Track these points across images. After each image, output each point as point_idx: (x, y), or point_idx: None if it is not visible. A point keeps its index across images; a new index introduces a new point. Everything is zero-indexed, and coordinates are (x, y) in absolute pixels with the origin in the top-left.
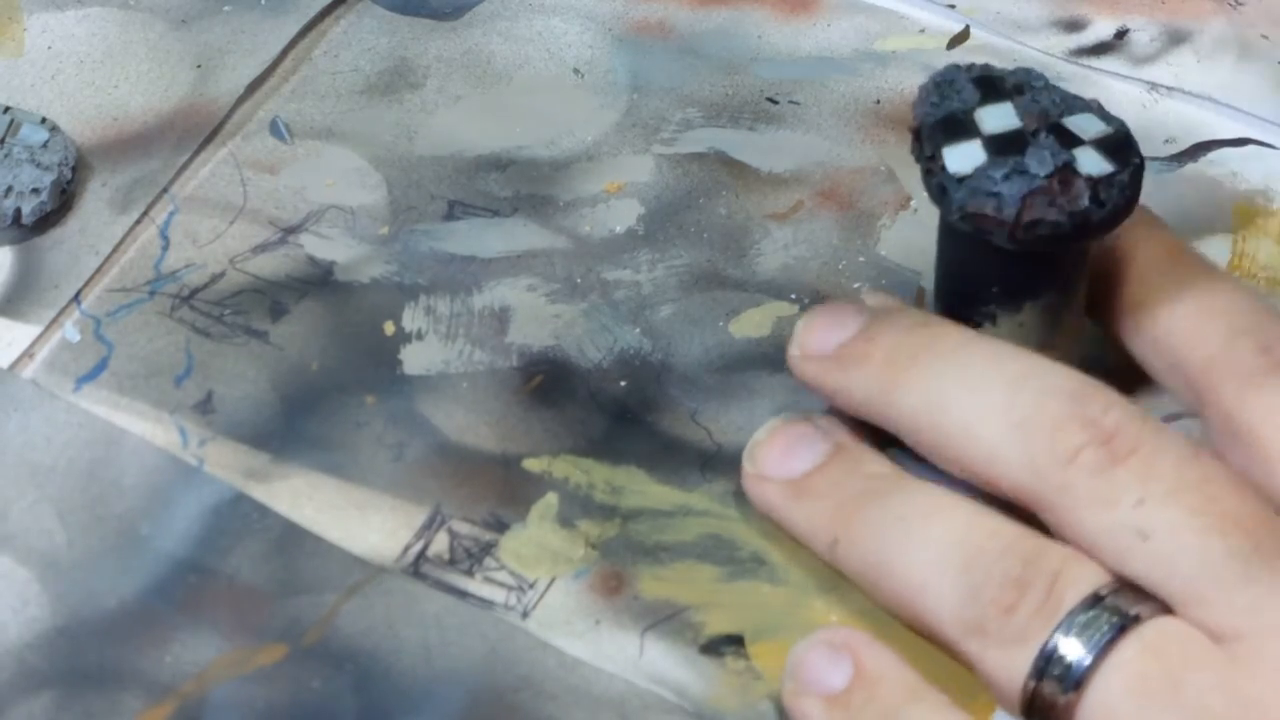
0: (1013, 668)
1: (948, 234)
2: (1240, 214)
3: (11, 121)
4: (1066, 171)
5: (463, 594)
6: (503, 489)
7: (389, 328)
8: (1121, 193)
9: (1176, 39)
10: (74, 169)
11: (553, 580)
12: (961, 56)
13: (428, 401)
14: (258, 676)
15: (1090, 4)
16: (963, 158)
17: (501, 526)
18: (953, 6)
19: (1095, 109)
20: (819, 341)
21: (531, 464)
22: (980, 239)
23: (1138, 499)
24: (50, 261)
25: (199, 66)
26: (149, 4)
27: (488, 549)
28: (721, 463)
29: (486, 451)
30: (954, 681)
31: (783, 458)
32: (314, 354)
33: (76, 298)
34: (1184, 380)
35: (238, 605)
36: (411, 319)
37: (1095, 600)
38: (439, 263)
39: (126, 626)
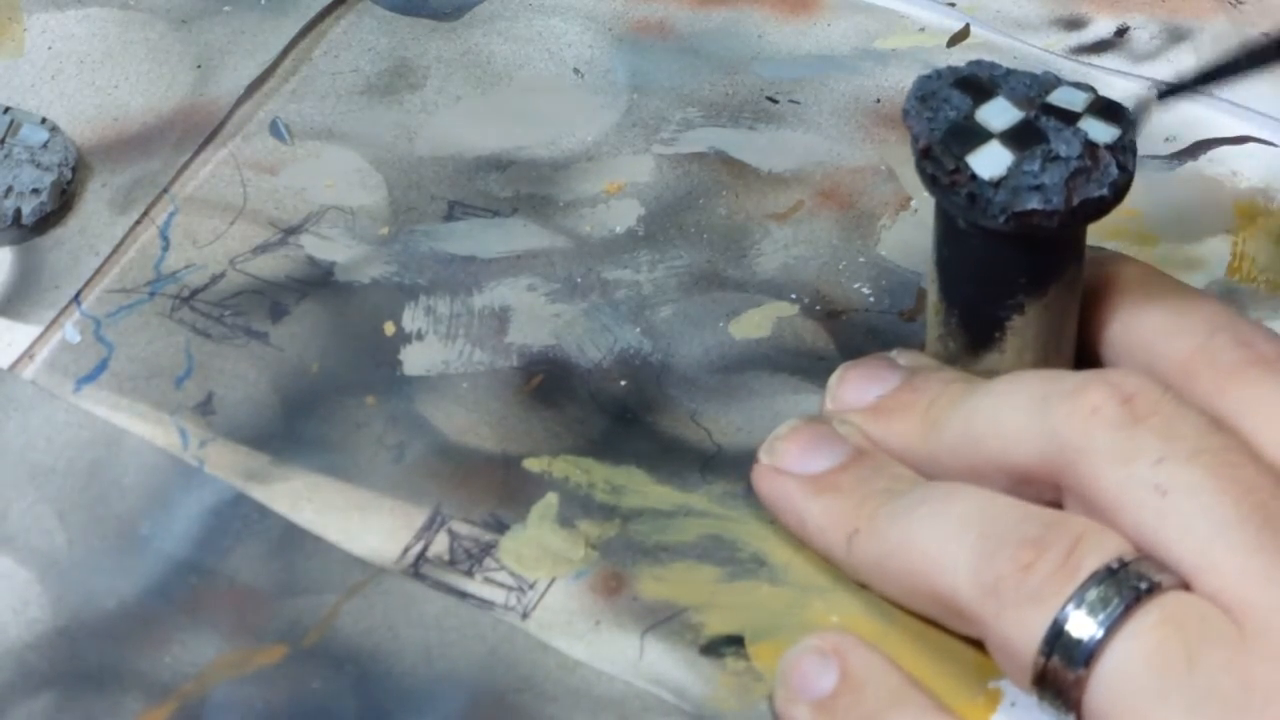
0: (1028, 630)
1: (969, 239)
2: (1241, 213)
3: (11, 121)
4: (1091, 146)
5: (463, 595)
6: (503, 489)
7: (389, 328)
8: (1134, 152)
9: (1177, 37)
10: (74, 169)
11: (552, 581)
12: (961, 55)
13: (428, 402)
14: (258, 677)
15: (1091, 2)
16: (990, 161)
17: (501, 527)
18: (953, 4)
19: (1062, 81)
20: (855, 396)
21: (531, 464)
22: (1017, 235)
23: (1158, 457)
24: (50, 262)
25: (199, 66)
26: (149, 4)
27: (488, 549)
28: (721, 463)
29: (486, 452)
30: (954, 683)
31: (804, 454)
32: (314, 355)
33: (76, 298)
34: (1163, 378)
35: (238, 606)
36: (411, 319)
37: (1117, 566)
38: (439, 263)
39: (126, 627)
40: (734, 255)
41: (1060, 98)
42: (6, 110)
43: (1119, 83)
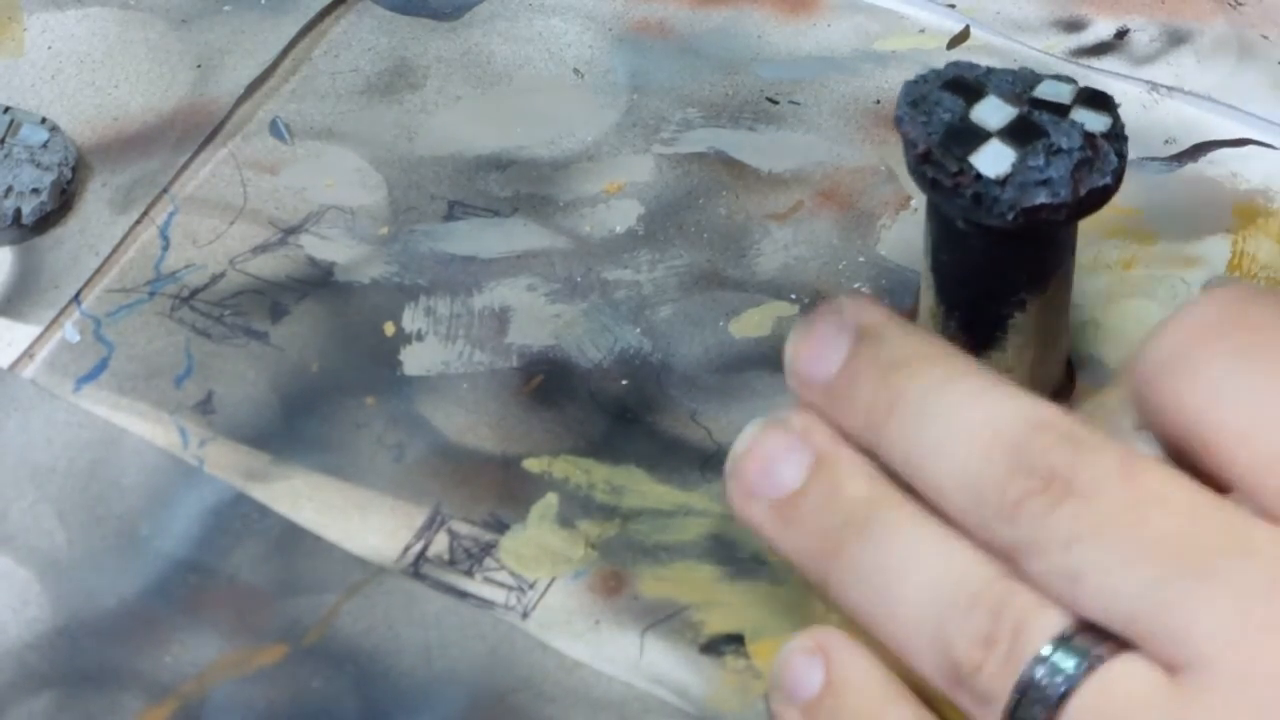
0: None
1: (969, 240)
2: (1240, 214)
3: (11, 121)
4: (1089, 136)
5: (463, 594)
6: (502, 489)
7: (389, 328)
8: (1125, 139)
9: (1176, 39)
10: (74, 169)
11: (552, 580)
12: (961, 56)
13: (428, 402)
14: (258, 676)
15: (1090, 4)
16: (994, 160)
17: (501, 527)
18: (953, 6)
19: (1041, 75)
20: (809, 369)
21: (531, 464)
22: (1020, 232)
23: (1064, 542)
24: (50, 262)
25: (199, 66)
26: (149, 4)
27: (488, 549)
28: (721, 462)
29: (486, 452)
30: None
31: (764, 474)
32: (314, 355)
33: (76, 298)
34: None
35: (238, 605)
36: (411, 320)
37: (1056, 645)
38: (439, 263)
39: (126, 626)
40: (734, 255)
41: (1046, 91)
42: (6, 110)
43: (1118, 85)
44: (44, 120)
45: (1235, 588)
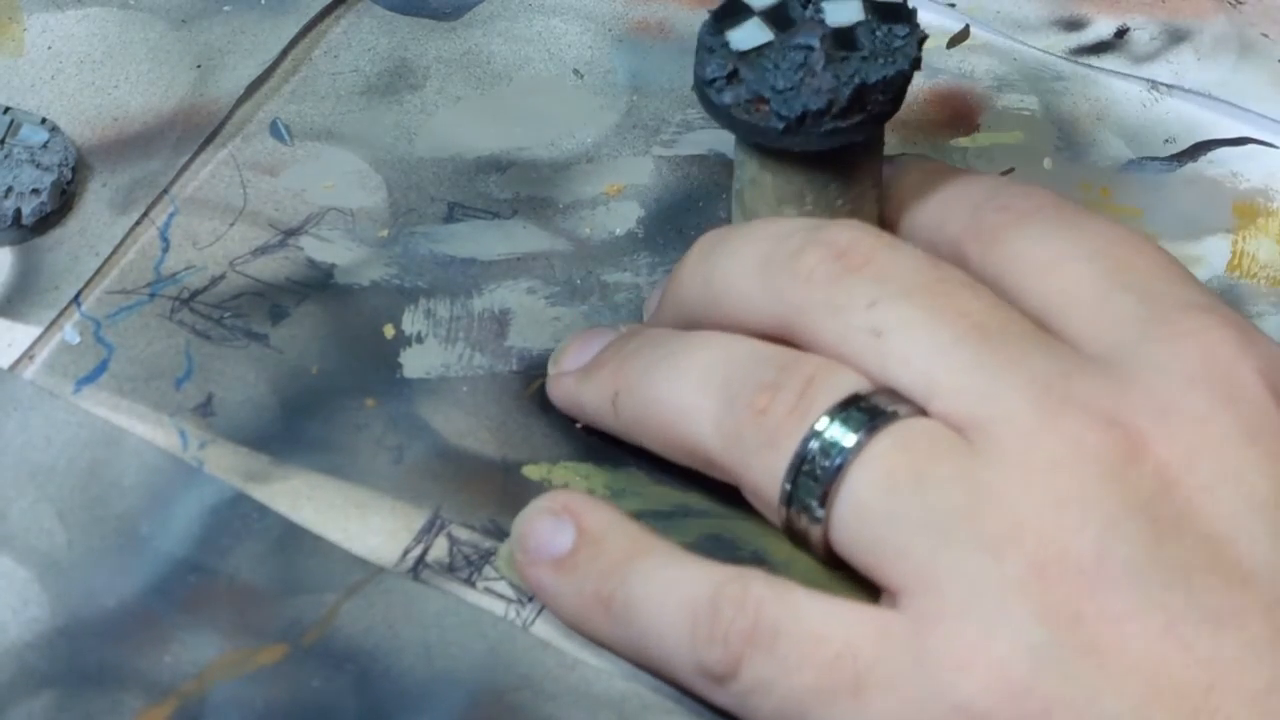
0: (771, 476)
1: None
2: (1240, 214)
3: (11, 122)
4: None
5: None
6: (502, 496)
7: (389, 331)
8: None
9: (1177, 37)
10: (74, 169)
11: None
12: (961, 55)
13: (428, 405)
14: (258, 676)
15: (1090, 3)
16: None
17: (501, 534)
18: (953, 5)
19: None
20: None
21: (531, 471)
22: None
23: (870, 301)
24: (50, 262)
25: (199, 66)
26: (149, 4)
27: (487, 557)
28: None
29: (486, 457)
30: None
31: (578, 353)
32: (314, 357)
33: (76, 299)
34: (945, 259)
35: (238, 605)
36: (411, 322)
37: (850, 401)
38: (439, 265)
39: (126, 626)
40: None
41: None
42: (6, 110)
43: (1119, 84)
44: (44, 120)
45: (1035, 363)
